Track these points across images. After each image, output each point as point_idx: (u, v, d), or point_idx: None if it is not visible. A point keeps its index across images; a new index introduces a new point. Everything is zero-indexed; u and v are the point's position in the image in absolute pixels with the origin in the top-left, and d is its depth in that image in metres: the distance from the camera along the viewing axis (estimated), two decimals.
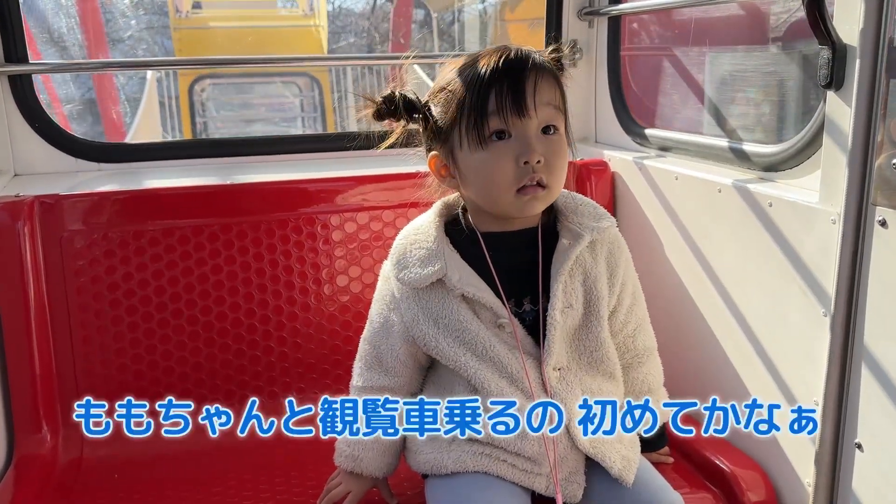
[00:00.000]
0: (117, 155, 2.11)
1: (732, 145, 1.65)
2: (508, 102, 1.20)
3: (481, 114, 1.21)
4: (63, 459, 1.61)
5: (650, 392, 1.44)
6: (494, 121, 1.21)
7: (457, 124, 1.24)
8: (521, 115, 1.21)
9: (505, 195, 1.24)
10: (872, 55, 1.18)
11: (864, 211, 1.21)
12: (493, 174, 1.23)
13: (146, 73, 8.66)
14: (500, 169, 1.22)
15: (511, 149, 1.22)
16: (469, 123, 1.22)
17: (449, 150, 1.28)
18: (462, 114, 1.23)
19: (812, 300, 1.34)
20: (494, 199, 1.26)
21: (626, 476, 1.28)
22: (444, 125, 1.26)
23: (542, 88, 1.22)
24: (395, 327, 1.34)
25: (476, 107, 1.21)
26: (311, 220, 1.82)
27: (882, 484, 1.23)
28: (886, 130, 1.15)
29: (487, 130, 1.21)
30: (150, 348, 1.71)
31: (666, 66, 2.39)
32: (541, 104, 1.22)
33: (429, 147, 1.32)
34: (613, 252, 1.36)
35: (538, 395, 1.27)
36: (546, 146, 1.23)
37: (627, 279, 1.38)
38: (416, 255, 1.30)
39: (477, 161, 1.23)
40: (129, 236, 1.71)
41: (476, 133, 1.22)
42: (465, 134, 1.23)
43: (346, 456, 1.36)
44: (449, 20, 11.20)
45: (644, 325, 1.44)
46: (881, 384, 1.21)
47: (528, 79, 1.21)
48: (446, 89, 1.26)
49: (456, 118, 1.24)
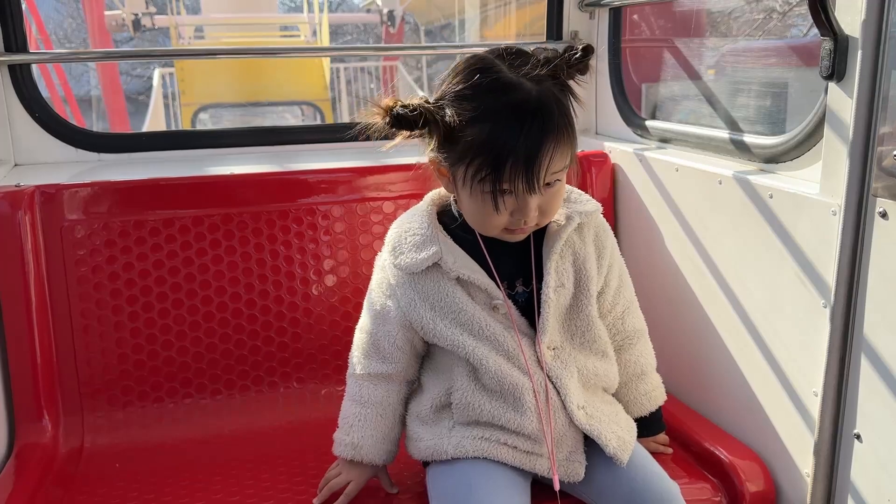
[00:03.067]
0: (117, 145, 2.12)
1: (733, 136, 1.65)
2: (521, 183, 1.17)
3: (492, 178, 1.18)
4: (64, 449, 1.62)
5: (643, 374, 1.48)
6: (503, 186, 1.19)
7: (464, 165, 1.20)
8: (530, 192, 1.19)
9: (493, 231, 1.28)
10: (874, 46, 1.17)
11: (864, 202, 1.21)
12: (486, 219, 1.25)
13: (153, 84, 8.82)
14: (495, 218, 1.23)
15: (510, 205, 1.22)
16: (476, 177, 1.19)
17: (452, 172, 1.25)
18: (472, 162, 1.19)
19: (812, 291, 1.34)
20: (484, 231, 1.29)
21: (620, 455, 1.30)
22: (453, 149, 1.22)
23: (555, 160, 1.19)
24: (392, 313, 1.36)
25: (489, 171, 1.17)
26: (312, 211, 1.82)
27: (881, 474, 1.24)
28: (887, 122, 1.15)
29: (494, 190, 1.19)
30: (151, 338, 1.72)
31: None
32: (550, 176, 1.20)
33: (432, 147, 1.28)
34: (600, 235, 1.39)
35: (535, 372, 1.30)
36: (545, 198, 1.23)
37: (614, 261, 1.42)
38: (411, 241, 1.33)
39: (475, 201, 1.23)
40: (129, 226, 1.71)
41: (481, 185, 1.20)
42: (469, 179, 1.20)
43: (345, 444, 1.38)
44: (437, 29, 11.41)
45: (632, 308, 1.47)
46: (880, 375, 1.21)
47: (545, 155, 1.17)
48: (461, 116, 1.18)
49: (465, 159, 1.20)
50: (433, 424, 1.36)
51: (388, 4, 9.98)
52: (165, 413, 1.71)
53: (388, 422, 1.39)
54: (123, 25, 8.81)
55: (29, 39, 1.96)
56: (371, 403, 1.38)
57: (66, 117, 7.70)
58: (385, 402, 1.39)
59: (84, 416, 1.67)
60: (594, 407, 1.34)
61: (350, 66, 10.23)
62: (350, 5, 15.56)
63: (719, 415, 1.63)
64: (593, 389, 1.38)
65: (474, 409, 1.31)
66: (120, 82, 9.26)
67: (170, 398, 1.72)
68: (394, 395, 1.40)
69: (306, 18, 10.08)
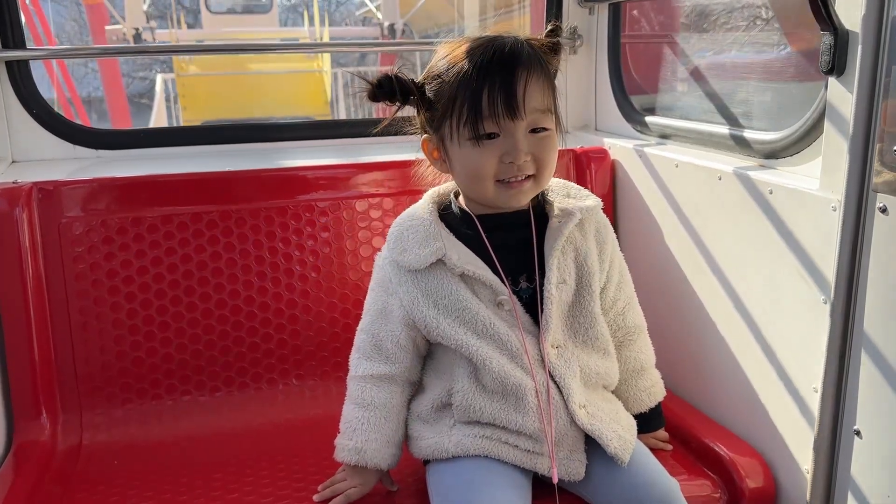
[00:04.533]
0: (115, 141, 2.11)
1: (733, 132, 1.65)
2: (500, 105, 1.21)
3: (473, 114, 1.22)
4: (62, 446, 1.61)
5: (643, 370, 1.49)
6: (487, 123, 1.22)
7: (448, 117, 1.25)
8: (512, 117, 1.22)
9: (489, 187, 1.27)
10: (874, 41, 1.17)
11: (864, 198, 1.21)
12: (477, 169, 1.26)
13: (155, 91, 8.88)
14: (484, 165, 1.25)
15: (498, 148, 1.24)
16: (460, 121, 1.23)
17: (440, 138, 1.29)
18: (453, 109, 1.24)
19: (812, 287, 1.33)
20: (480, 191, 1.29)
21: (621, 455, 1.30)
22: (435, 114, 1.28)
23: (532, 91, 1.23)
24: (395, 312, 1.34)
25: (467, 106, 1.22)
26: (311, 208, 1.81)
27: (881, 470, 1.23)
28: (888, 117, 1.14)
29: (479, 131, 1.23)
30: (149, 335, 1.71)
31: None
32: (530, 108, 1.23)
33: (423, 130, 1.34)
34: (600, 230, 1.40)
35: (537, 372, 1.29)
36: (534, 144, 1.25)
37: (615, 257, 1.42)
38: (414, 237, 1.32)
39: (465, 156, 1.26)
40: (127, 223, 1.71)
41: (467, 130, 1.23)
42: (456, 129, 1.24)
43: (348, 450, 1.34)
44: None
45: (633, 304, 1.48)
46: (880, 371, 1.21)
47: (520, 80, 1.22)
48: (439, 78, 1.26)
49: (447, 111, 1.25)
50: (434, 423, 1.36)
51: (388, 18, 10.02)
52: (164, 410, 1.71)
53: (392, 424, 1.37)
54: (124, 40, 8.88)
55: (36, 42, 1.96)
56: (374, 406, 1.36)
57: (73, 118, 7.84)
58: (389, 405, 1.36)
59: (83, 414, 1.67)
60: (595, 406, 1.34)
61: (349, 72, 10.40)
62: (349, 8, 15.62)
63: (719, 411, 1.63)
64: (594, 387, 1.38)
65: (475, 411, 1.30)
66: (122, 83, 9.34)
67: (168, 395, 1.72)
68: (397, 396, 1.38)
69: (307, 33, 10.13)
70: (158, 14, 10.92)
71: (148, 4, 10.23)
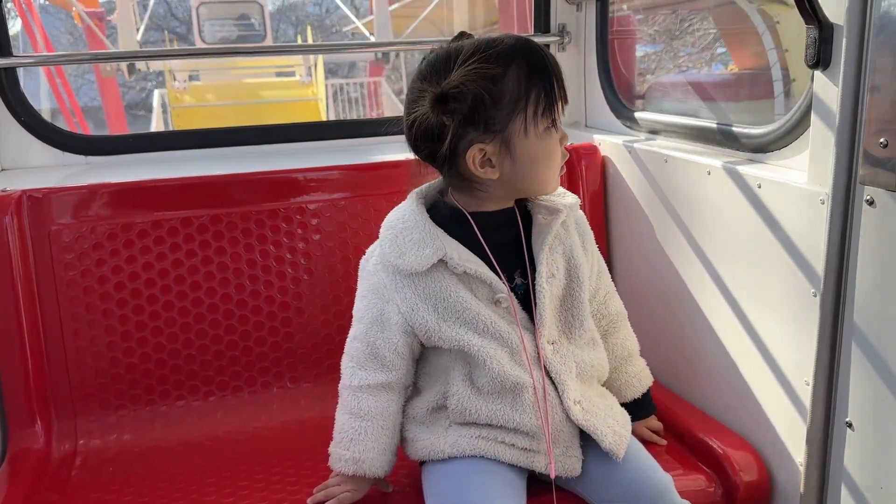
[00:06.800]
0: (104, 147, 2.10)
1: (721, 127, 1.65)
2: (560, 91, 1.27)
3: (551, 102, 1.26)
4: (57, 453, 1.61)
5: (630, 356, 1.52)
6: (558, 106, 1.28)
7: (520, 112, 1.24)
8: (566, 102, 1.30)
9: (555, 179, 1.34)
10: (859, 33, 1.17)
11: (852, 190, 1.21)
12: (553, 156, 1.31)
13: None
14: (556, 151, 1.31)
15: (558, 136, 1.31)
16: (537, 111, 1.25)
17: (505, 139, 1.25)
18: (527, 102, 1.24)
19: (802, 280, 1.34)
20: (548, 181, 1.33)
21: (616, 450, 1.30)
22: (498, 114, 1.24)
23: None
24: (392, 319, 1.32)
25: (545, 95, 1.25)
26: (302, 210, 1.81)
27: (873, 462, 1.24)
28: (873, 109, 1.15)
29: (556, 115, 1.28)
30: (142, 340, 1.71)
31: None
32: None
33: (463, 141, 1.26)
34: (580, 223, 1.44)
35: (534, 369, 1.29)
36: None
37: (594, 248, 1.47)
38: (410, 239, 1.30)
39: (540, 146, 1.28)
40: (117, 229, 1.70)
41: (546, 119, 1.26)
42: (532, 121, 1.25)
43: (345, 460, 1.33)
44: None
45: (612, 292, 1.52)
46: (871, 363, 1.21)
47: (557, 68, 1.29)
48: (492, 79, 1.22)
49: (518, 107, 1.24)
50: (430, 425, 1.36)
51: (381, 38, 10.03)
52: (158, 416, 1.70)
53: (389, 433, 1.36)
54: (118, 70, 8.92)
55: (35, 51, 1.96)
56: (371, 416, 1.34)
57: (74, 128, 7.87)
58: (386, 414, 1.35)
59: (77, 421, 1.67)
60: (590, 401, 1.34)
61: (340, 82, 10.52)
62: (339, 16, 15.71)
63: (712, 405, 1.63)
64: (589, 381, 1.38)
65: (471, 413, 1.30)
66: (119, 91, 9.41)
67: (162, 401, 1.72)
68: (394, 404, 1.37)
69: (301, 59, 10.18)
70: (152, 44, 10.94)
71: (142, 34, 10.25)
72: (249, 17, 10.79)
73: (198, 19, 10.35)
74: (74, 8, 8.55)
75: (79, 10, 8.50)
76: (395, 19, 10.37)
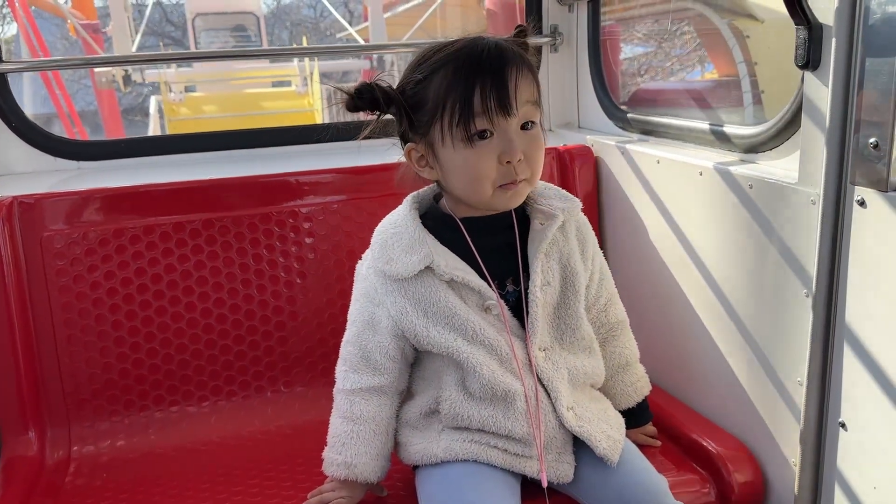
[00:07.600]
0: (96, 152, 2.09)
1: (713, 127, 1.65)
2: (493, 102, 1.19)
3: (466, 112, 1.20)
4: (50, 461, 1.61)
5: (628, 365, 1.49)
6: (479, 121, 1.20)
7: (438, 120, 1.23)
8: (506, 114, 1.21)
9: (488, 192, 1.25)
10: (848, 34, 1.17)
11: (842, 191, 1.21)
12: (476, 172, 1.24)
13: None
14: (483, 168, 1.23)
15: (494, 148, 1.22)
16: (453, 121, 1.21)
17: (429, 143, 1.27)
18: (444, 110, 1.21)
19: (794, 280, 1.34)
20: (478, 196, 1.27)
21: (611, 455, 1.30)
22: (422, 119, 1.25)
23: (522, 86, 1.22)
24: (383, 323, 1.33)
25: (459, 105, 1.20)
26: (295, 214, 1.81)
27: (866, 462, 1.24)
28: (864, 109, 1.15)
29: (472, 129, 1.21)
30: (135, 346, 1.70)
31: None
32: (521, 102, 1.22)
33: (405, 138, 1.31)
34: (581, 230, 1.40)
35: (525, 376, 1.29)
36: (526, 141, 1.24)
37: (596, 255, 1.43)
38: (399, 245, 1.30)
39: (460, 159, 1.24)
40: (109, 234, 1.70)
41: (461, 130, 1.21)
42: (448, 131, 1.22)
43: (338, 464, 1.33)
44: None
45: (614, 299, 1.49)
46: (863, 363, 1.21)
47: (510, 76, 1.21)
48: (423, 81, 1.24)
49: (436, 113, 1.22)
50: (423, 429, 1.35)
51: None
52: (152, 421, 1.70)
53: (382, 437, 1.35)
54: (113, 81, 8.92)
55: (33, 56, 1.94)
56: (364, 420, 1.34)
57: (72, 133, 7.89)
58: (378, 418, 1.35)
59: (70, 428, 1.66)
60: (583, 407, 1.34)
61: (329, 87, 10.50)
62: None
63: (706, 406, 1.63)
64: (582, 387, 1.38)
65: (464, 419, 1.30)
66: (115, 97, 9.44)
67: (156, 406, 1.71)
68: (386, 409, 1.36)
69: (297, 70, 10.16)
70: (148, 48, 10.92)
71: (137, 47, 10.24)
72: (245, 27, 10.80)
73: (193, 30, 10.36)
74: (70, 21, 8.57)
75: (75, 23, 8.50)
76: (389, 27, 10.37)
